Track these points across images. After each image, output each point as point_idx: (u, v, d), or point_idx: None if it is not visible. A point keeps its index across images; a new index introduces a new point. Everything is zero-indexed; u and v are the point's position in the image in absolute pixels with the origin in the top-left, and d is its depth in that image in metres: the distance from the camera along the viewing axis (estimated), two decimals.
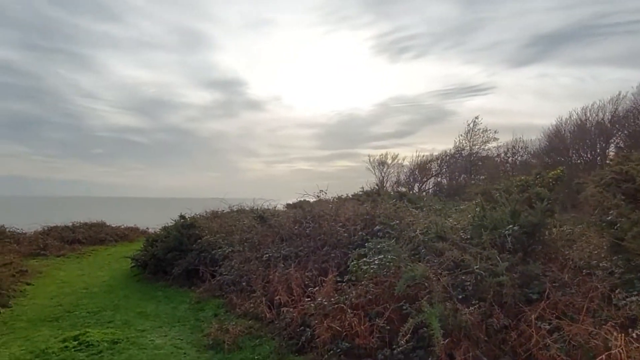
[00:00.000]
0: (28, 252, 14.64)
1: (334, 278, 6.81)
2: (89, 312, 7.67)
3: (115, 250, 17.24)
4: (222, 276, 8.39)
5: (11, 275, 8.55)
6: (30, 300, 8.52)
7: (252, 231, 10.34)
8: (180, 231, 10.55)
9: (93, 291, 9.55)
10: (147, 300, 8.60)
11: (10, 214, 25.20)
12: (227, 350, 5.67)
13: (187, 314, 7.56)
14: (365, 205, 10.20)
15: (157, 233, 12.38)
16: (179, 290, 9.33)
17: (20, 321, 7.10)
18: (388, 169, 47.90)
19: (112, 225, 20.90)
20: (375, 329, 5.26)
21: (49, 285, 10.08)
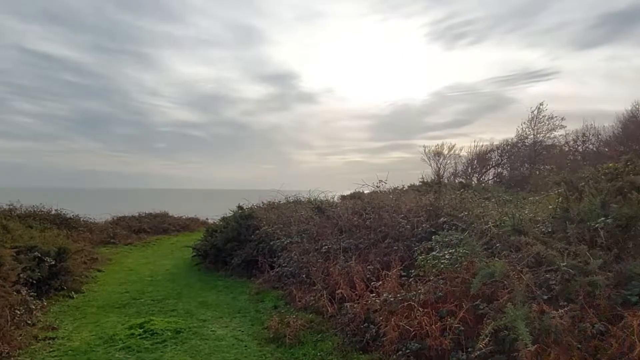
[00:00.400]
0: (99, 241, 15.48)
1: (398, 272, 6.40)
2: (154, 300, 7.81)
3: (177, 239, 17.84)
4: (281, 268, 8.23)
5: (83, 262, 8.94)
6: (100, 286, 8.86)
7: (309, 222, 10.13)
8: (239, 222, 10.56)
9: (157, 279, 9.80)
10: (208, 290, 8.65)
11: (85, 204, 27.00)
12: (288, 345, 5.46)
13: (247, 305, 7.48)
14: (427, 196, 9.65)
15: (216, 224, 12.54)
16: (238, 281, 9.33)
17: (91, 307, 7.34)
18: (444, 160, 46.15)
19: (174, 215, 21.72)
20: (448, 330, 4.81)
21: (117, 273, 10.49)
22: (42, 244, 7.48)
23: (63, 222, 15.89)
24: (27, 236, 7.60)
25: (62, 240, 8.20)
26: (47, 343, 5.57)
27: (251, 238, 10.03)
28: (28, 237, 7.57)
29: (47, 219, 15.57)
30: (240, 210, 11.51)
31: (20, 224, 10.18)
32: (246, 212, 10.99)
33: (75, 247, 8.33)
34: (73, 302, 7.59)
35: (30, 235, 7.73)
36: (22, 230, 7.58)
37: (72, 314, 6.93)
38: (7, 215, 13.51)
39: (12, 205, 15.57)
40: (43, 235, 8.19)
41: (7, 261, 5.51)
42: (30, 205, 16.18)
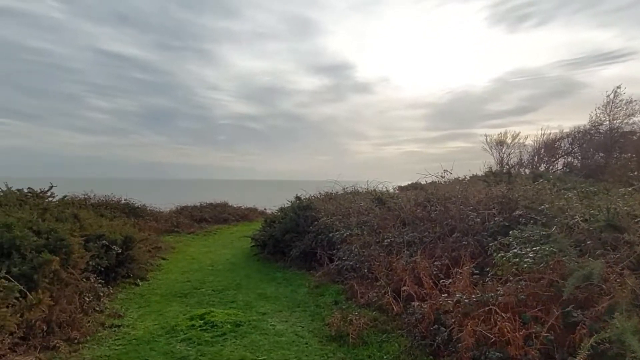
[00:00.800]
0: (164, 229, 16.03)
1: (470, 270, 5.83)
2: (214, 290, 7.79)
3: (237, 229, 18.11)
4: (341, 261, 7.89)
5: (148, 250, 9.15)
6: (164, 274, 9.03)
7: (369, 214, 9.70)
8: (297, 212, 10.36)
9: (217, 269, 9.85)
10: (267, 281, 8.52)
11: (151, 194, 28.38)
12: (351, 345, 5.11)
13: (306, 298, 7.23)
14: (498, 187, 8.86)
15: (274, 214, 12.46)
16: (297, 273, 9.13)
17: (155, 295, 7.44)
18: (507, 149, 43.46)
19: (233, 205, 22.14)
20: (535, 338, 4.22)
21: (180, 261, 10.71)
22: (109, 232, 7.67)
23: (131, 210, 16.63)
24: (96, 225, 7.83)
25: (129, 229, 8.40)
26: (113, 331, 5.64)
27: (309, 229, 9.79)
28: (97, 225, 7.80)
29: (117, 207, 16.35)
30: (298, 201, 11.31)
31: (92, 212, 10.64)
32: (304, 202, 10.76)
33: (140, 235, 8.51)
34: (138, 289, 7.75)
35: (99, 224, 7.97)
36: (91, 219, 7.83)
37: (137, 301, 7.05)
38: (81, 204, 14.33)
39: (87, 195, 16.53)
40: (111, 224, 8.44)
41: (76, 249, 5.61)
42: (102, 195, 17.12)
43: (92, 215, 8.32)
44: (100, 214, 12.55)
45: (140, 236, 8.53)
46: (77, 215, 7.32)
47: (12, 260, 4.74)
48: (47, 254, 4.91)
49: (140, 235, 8.53)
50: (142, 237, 8.56)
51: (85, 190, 16.82)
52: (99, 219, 8.56)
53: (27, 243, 4.95)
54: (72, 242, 5.46)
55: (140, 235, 8.69)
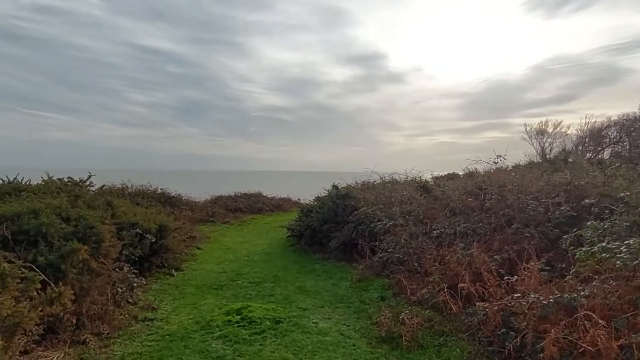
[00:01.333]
0: (199, 219, 15.86)
1: (539, 266, 5.08)
2: (250, 282, 7.34)
3: (272, 219, 17.75)
4: (386, 253, 7.26)
5: (182, 240, 8.82)
6: (199, 264, 8.69)
7: (413, 203, 9.00)
8: (335, 202, 9.77)
9: (253, 259, 9.44)
10: (305, 273, 8.01)
11: (186, 185, 28.57)
12: (405, 348, 4.51)
13: (349, 293, 6.66)
14: (558, 174, 7.97)
15: (310, 204, 11.92)
16: (336, 265, 8.58)
17: (189, 286, 7.08)
18: (548, 139, 41.04)
19: (267, 195, 21.82)
20: (636, 349, 3.48)
21: (215, 251, 10.38)
22: (143, 221, 7.35)
23: (167, 200, 16.57)
24: (130, 213, 7.53)
25: (163, 218, 8.07)
26: (146, 325, 5.26)
27: (349, 219, 9.19)
28: (131, 213, 7.50)
29: (154, 197, 16.33)
30: (335, 190, 10.72)
31: (129, 201, 10.44)
32: (342, 191, 10.16)
33: (174, 224, 8.18)
34: (173, 280, 7.42)
35: (133, 212, 7.66)
36: (125, 207, 7.52)
37: (171, 292, 6.69)
38: (119, 194, 14.30)
39: (124, 185, 16.58)
40: (145, 212, 8.14)
41: (107, 237, 5.25)
42: (139, 184, 17.15)
43: (126, 204, 8.03)
44: (136, 203, 12.42)
45: (175, 225, 8.19)
46: (111, 202, 7.03)
47: (38, 248, 4.41)
48: (75, 242, 4.55)
49: (174, 224, 8.19)
50: (176, 225, 8.22)
51: (123, 180, 16.93)
52: (132, 207, 8.28)
53: (54, 230, 4.61)
54: (102, 230, 5.10)
55: (175, 224, 8.35)
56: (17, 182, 9.76)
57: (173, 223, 8.18)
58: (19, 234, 4.54)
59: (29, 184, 10.28)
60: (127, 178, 17.14)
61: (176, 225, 8.22)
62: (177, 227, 8.11)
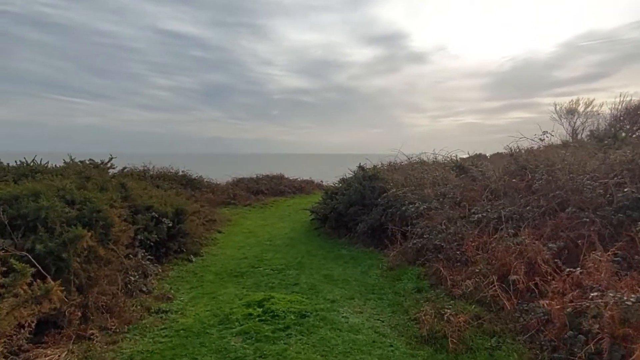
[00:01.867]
0: (220, 201, 15.47)
1: (609, 257, 4.32)
2: (273, 269, 6.80)
3: (294, 202, 17.24)
4: (420, 239, 6.58)
5: (202, 224, 8.33)
6: (219, 249, 8.21)
7: (447, 184, 8.24)
8: (362, 183, 9.08)
9: (276, 244, 8.91)
10: (331, 259, 7.42)
11: (209, 167, 28.30)
12: (451, 350, 3.86)
13: (380, 282, 6.04)
14: (616, 152, 7.07)
15: (335, 186, 11.26)
16: (364, 251, 7.95)
17: (208, 272, 6.59)
18: (579, 118, 38.84)
19: (289, 178, 21.29)
20: None
21: (236, 235, 9.90)
22: (159, 204, 6.86)
23: (188, 182, 16.22)
24: (146, 195, 7.04)
25: (181, 201, 7.56)
26: (160, 317, 4.77)
27: (377, 202, 8.51)
28: (147, 196, 7.01)
29: (175, 179, 16.02)
30: (362, 171, 10.02)
31: (146, 183, 10.03)
32: (369, 172, 9.44)
33: (193, 207, 7.67)
34: (191, 266, 6.94)
35: (149, 194, 7.18)
36: (140, 189, 7.04)
37: (189, 280, 6.21)
38: (140, 176, 13.99)
39: (146, 167, 16.30)
40: (162, 194, 7.65)
41: (117, 222, 4.74)
42: (161, 167, 16.86)
43: (142, 186, 7.55)
44: (157, 185, 12.05)
45: (193, 208, 7.68)
46: (125, 185, 6.54)
47: (37, 235, 3.91)
48: (79, 228, 4.04)
49: (193, 207, 7.68)
50: (195, 209, 7.71)
51: (145, 163, 16.66)
52: (149, 190, 7.80)
53: (55, 215, 4.11)
54: (110, 214, 4.59)
55: (193, 207, 7.84)
56: (35, 164, 9.47)
57: (191, 206, 7.67)
58: (17, 219, 4.06)
59: (47, 166, 9.98)
60: (155, 163, 16.95)
61: (195, 209, 7.71)
62: (195, 211, 7.60)
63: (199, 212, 7.95)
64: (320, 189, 22.76)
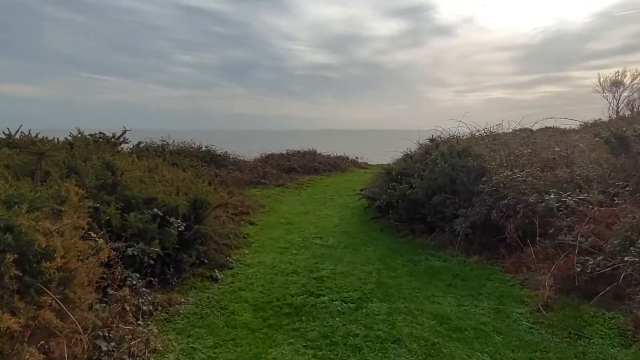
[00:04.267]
0: (249, 181, 12.92)
1: None
2: (344, 299, 4.13)
3: (331, 181, 14.55)
4: (592, 256, 3.78)
5: (230, 218, 5.63)
6: (255, 254, 5.62)
7: (589, 165, 5.35)
8: (450, 162, 6.24)
9: (329, 244, 6.28)
10: (425, 277, 4.72)
11: (234, 143, 25.71)
12: None
13: (547, 341, 3.30)
14: None
15: (396, 164, 8.45)
16: (467, 262, 5.20)
17: (242, 305, 3.99)
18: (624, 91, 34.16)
19: (322, 154, 18.55)
20: None
21: (274, 228, 7.31)
22: (166, 194, 4.26)
23: (212, 159, 13.73)
24: (151, 182, 4.44)
25: (200, 188, 4.91)
26: None
27: (478, 189, 5.70)
28: (151, 183, 4.41)
29: (197, 155, 13.57)
30: (439, 144, 7.17)
31: (158, 162, 7.50)
32: (458, 147, 6.58)
33: (218, 198, 5.01)
34: (216, 291, 4.34)
35: (153, 179, 4.56)
36: (136, 171, 4.43)
37: (211, 324, 3.61)
38: (158, 152, 11.56)
39: (164, 142, 13.85)
40: (172, 179, 5.00)
41: (57, 248, 2.14)
42: (181, 141, 14.38)
43: (141, 167, 4.91)
44: (174, 163, 9.53)
45: (219, 199, 4.96)
46: (112, 164, 3.94)
47: None
48: None
49: (218, 198, 4.99)
50: (221, 200, 4.99)
51: (163, 137, 14.20)
52: (156, 170, 5.21)
53: None
54: (29, 232, 1.99)
55: (219, 197, 5.12)
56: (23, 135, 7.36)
57: (216, 196, 4.94)
58: None
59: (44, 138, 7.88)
60: (167, 135, 14.50)
61: (221, 199, 4.97)
62: (222, 203, 4.86)
63: (227, 205, 5.17)
64: (357, 166, 20.07)
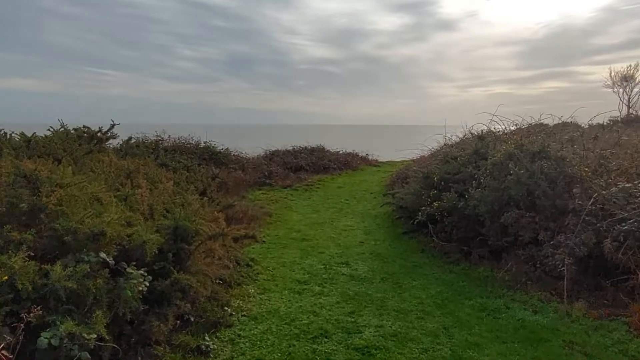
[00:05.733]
0: (253, 181, 11.26)
1: None
2: None
3: (343, 181, 12.86)
4: None
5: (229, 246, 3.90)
6: (261, 299, 3.95)
7: None
8: (529, 168, 4.53)
9: (360, 274, 4.64)
10: (527, 351, 3.06)
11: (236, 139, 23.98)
12: None
13: None
14: None
15: (435, 168, 6.72)
16: (584, 319, 3.53)
17: None
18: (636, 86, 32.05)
19: (331, 150, 16.81)
20: None
21: (285, 247, 5.67)
22: (123, 225, 2.59)
23: (212, 156, 12.05)
24: (97, 202, 2.76)
25: (186, 209, 3.19)
26: None
27: (572, 205, 4.02)
28: (94, 205, 2.73)
29: (195, 152, 11.91)
30: (483, 142, 5.46)
31: (140, 162, 5.87)
32: (532, 147, 4.86)
33: (211, 223, 3.29)
34: None
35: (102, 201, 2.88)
36: (79, 186, 2.75)
37: None
38: (150, 148, 9.93)
39: (159, 137, 12.17)
40: (142, 193, 3.30)
41: None
42: (177, 137, 12.67)
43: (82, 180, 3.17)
44: (163, 164, 7.88)
45: (212, 228, 3.15)
46: (33, 176, 2.26)
47: None
48: None
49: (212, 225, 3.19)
50: (215, 228, 3.17)
51: (158, 131, 12.51)
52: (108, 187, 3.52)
53: None
54: None
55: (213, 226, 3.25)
56: None
57: (208, 224, 3.11)
58: None
59: None
60: (162, 130, 12.81)
61: (216, 228, 3.17)
62: (217, 233, 3.10)
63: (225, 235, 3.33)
64: (368, 164, 18.33)
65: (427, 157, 11.90)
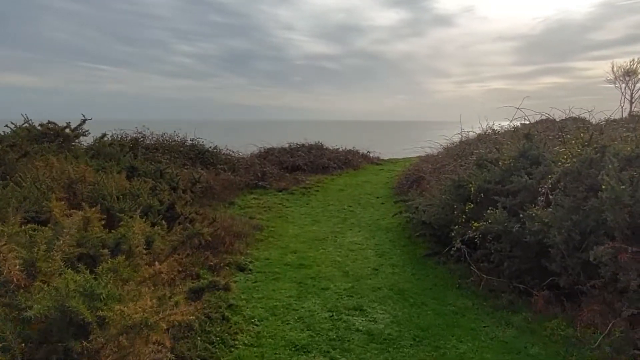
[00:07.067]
0: (244, 183, 9.78)
1: None
2: None
3: (344, 182, 11.40)
4: None
5: None
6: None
7: None
8: (624, 179, 3.12)
9: (382, 331, 3.22)
10: None
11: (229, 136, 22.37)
12: None
13: None
14: None
15: (471, 175, 5.24)
16: None
17: None
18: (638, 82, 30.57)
19: (330, 147, 15.29)
20: None
21: (277, 279, 4.23)
22: None
23: (198, 156, 10.59)
24: None
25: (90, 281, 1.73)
26: None
27: None
28: None
29: (180, 151, 10.46)
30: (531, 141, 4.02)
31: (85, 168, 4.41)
32: (625, 151, 3.41)
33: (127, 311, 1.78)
34: None
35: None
36: None
37: None
38: (126, 146, 8.46)
39: (140, 134, 10.67)
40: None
41: None
42: (161, 133, 11.14)
43: None
44: (130, 167, 6.36)
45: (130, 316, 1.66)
46: None
47: None
48: None
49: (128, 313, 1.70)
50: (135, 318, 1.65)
51: (139, 128, 10.96)
52: None
53: None
54: None
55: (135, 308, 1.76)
56: None
57: (127, 306, 1.70)
58: None
59: None
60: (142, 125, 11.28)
61: (136, 318, 1.70)
62: (137, 323, 1.67)
63: (150, 326, 1.86)
64: (369, 162, 16.85)
65: (438, 155, 10.49)
